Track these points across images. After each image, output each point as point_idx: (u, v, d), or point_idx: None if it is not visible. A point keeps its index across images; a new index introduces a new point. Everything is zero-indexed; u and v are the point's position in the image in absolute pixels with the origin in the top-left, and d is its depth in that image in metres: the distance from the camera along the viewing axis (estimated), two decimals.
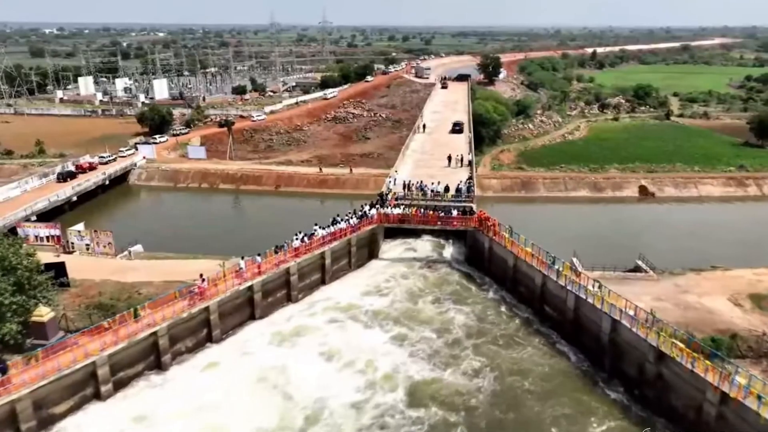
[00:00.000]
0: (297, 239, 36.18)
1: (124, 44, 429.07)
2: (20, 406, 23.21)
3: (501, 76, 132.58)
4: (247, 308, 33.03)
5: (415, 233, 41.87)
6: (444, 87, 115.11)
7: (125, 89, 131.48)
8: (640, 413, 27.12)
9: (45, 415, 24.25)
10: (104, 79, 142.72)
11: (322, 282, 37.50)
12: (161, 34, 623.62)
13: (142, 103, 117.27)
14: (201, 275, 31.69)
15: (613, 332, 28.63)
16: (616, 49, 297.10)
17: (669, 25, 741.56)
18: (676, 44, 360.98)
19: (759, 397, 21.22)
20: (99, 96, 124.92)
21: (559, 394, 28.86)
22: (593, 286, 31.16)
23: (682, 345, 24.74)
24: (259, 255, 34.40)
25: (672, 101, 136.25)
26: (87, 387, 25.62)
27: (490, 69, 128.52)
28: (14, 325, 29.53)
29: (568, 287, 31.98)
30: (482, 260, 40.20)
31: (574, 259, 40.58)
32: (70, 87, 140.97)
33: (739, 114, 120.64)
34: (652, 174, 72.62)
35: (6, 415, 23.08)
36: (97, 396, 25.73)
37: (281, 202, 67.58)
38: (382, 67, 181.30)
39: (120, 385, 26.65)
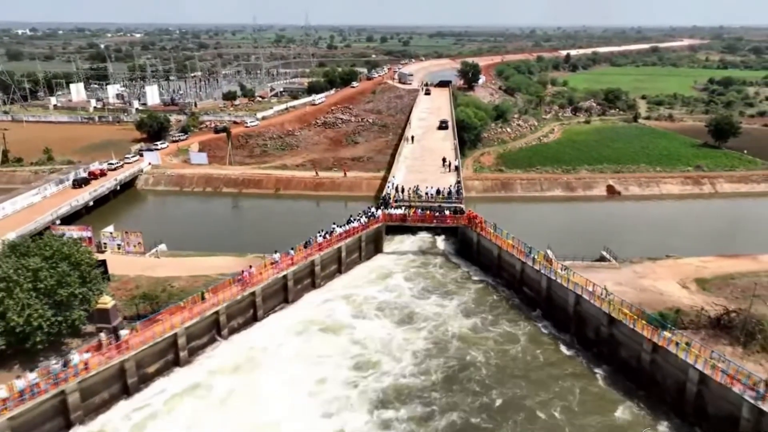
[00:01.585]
0: (320, 236, 42.48)
1: (102, 46, 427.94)
2: (128, 364, 29.30)
3: (480, 81, 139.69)
4: (281, 293, 39.35)
5: (413, 230, 48.60)
6: (427, 93, 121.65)
7: (117, 95, 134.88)
8: (596, 365, 34.83)
9: (142, 374, 30.20)
10: (96, 86, 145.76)
11: (339, 272, 43.93)
12: (138, 35, 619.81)
13: (136, 109, 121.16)
14: (250, 266, 38.55)
15: (577, 304, 36.05)
16: (589, 51, 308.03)
17: (640, 25, 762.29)
18: (646, 46, 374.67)
19: (677, 344, 28.35)
20: (93, 102, 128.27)
21: (537, 354, 36.10)
22: (561, 270, 38.07)
23: (626, 311, 31.80)
24: (292, 249, 40.55)
25: (640, 104, 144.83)
26: (169, 353, 31.52)
27: (469, 75, 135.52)
28: (81, 312, 35.14)
29: (542, 271, 39.10)
30: (471, 251, 47.29)
31: (549, 251, 47.10)
32: (59, 93, 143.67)
33: (700, 116, 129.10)
34: (619, 174, 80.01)
35: (117, 371, 29.30)
36: (176, 361, 31.65)
37: (282, 204, 73.08)
38: (364, 71, 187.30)
39: (193, 352, 32.65)
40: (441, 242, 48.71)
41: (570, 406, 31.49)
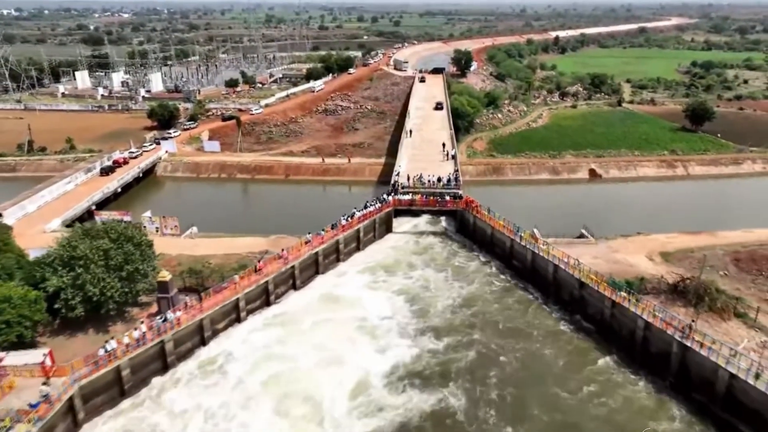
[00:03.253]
0: (343, 219, 49.83)
1: (92, 27, 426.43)
2: (205, 321, 37.02)
3: (472, 68, 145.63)
4: (313, 267, 47.06)
5: (418, 213, 56.42)
6: (422, 81, 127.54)
7: (122, 83, 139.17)
8: (570, 320, 43.02)
9: (214, 329, 37.86)
10: (101, 74, 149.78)
11: (357, 249, 51.58)
12: (125, 15, 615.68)
13: (143, 97, 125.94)
14: (282, 249, 46.02)
15: (555, 273, 44.17)
16: (577, 33, 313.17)
17: (630, 2, 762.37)
18: (634, 26, 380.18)
19: (629, 300, 36.21)
20: (100, 90, 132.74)
21: (524, 312, 44.18)
22: (543, 245, 45.83)
23: (593, 276, 39.60)
24: (323, 230, 47.99)
25: (625, 87, 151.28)
26: (233, 313, 39.07)
27: (462, 63, 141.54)
28: (144, 284, 41.96)
29: (528, 246, 47.23)
30: (468, 231, 55.19)
31: (535, 230, 54.22)
32: (63, 80, 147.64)
33: (681, 100, 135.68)
34: (600, 158, 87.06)
35: (197, 327, 36.87)
36: (238, 319, 39.19)
37: (292, 189, 79.35)
38: (359, 54, 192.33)
39: (249, 312, 40.17)
40: (443, 223, 56.37)
41: (552, 346, 39.92)
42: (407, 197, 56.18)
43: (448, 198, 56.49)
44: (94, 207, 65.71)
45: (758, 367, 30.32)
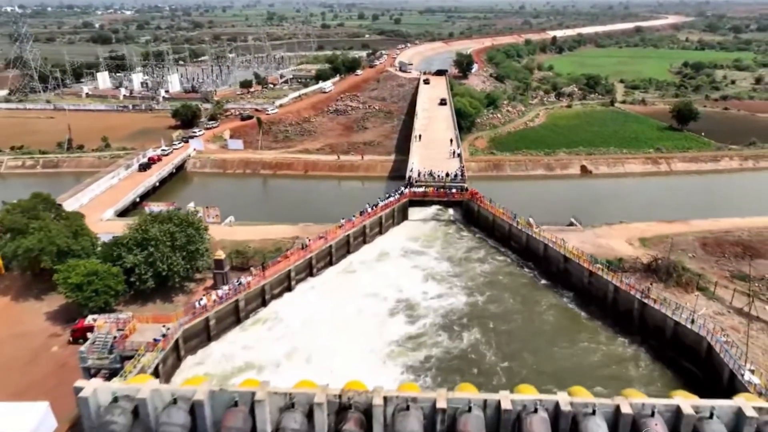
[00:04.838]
0: (369, 207, 58.39)
1: (97, 25, 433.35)
2: (267, 286, 45.51)
3: (473, 70, 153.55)
4: (345, 246, 55.88)
5: (428, 203, 65.14)
6: (426, 82, 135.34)
7: (142, 84, 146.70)
8: (556, 288, 51.53)
9: (272, 293, 46.22)
10: (120, 74, 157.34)
11: (380, 233, 60.26)
12: (128, 12, 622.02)
13: (163, 97, 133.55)
14: (318, 236, 53.94)
15: (545, 251, 52.83)
16: (575, 33, 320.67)
17: (628, 0, 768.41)
18: (630, 25, 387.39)
19: (604, 270, 44.77)
20: (122, 91, 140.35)
21: (520, 282, 53.00)
22: (536, 228, 54.55)
23: (575, 252, 48.15)
24: (353, 216, 56.36)
25: (618, 88, 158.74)
26: (284, 282, 47.61)
27: (464, 65, 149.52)
28: (202, 262, 50.15)
29: (523, 229, 56.26)
30: (473, 218, 64.29)
31: (530, 219, 62.40)
32: (83, 81, 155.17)
33: (670, 100, 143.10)
34: (591, 156, 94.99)
35: (260, 290, 45.35)
36: (289, 288, 47.68)
37: (311, 184, 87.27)
38: (363, 54, 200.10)
39: (297, 282, 48.80)
40: (451, 211, 65.38)
41: (541, 307, 48.61)
42: (420, 190, 65.01)
43: (455, 190, 65.33)
44: (138, 199, 73.83)
45: (693, 315, 39.30)
